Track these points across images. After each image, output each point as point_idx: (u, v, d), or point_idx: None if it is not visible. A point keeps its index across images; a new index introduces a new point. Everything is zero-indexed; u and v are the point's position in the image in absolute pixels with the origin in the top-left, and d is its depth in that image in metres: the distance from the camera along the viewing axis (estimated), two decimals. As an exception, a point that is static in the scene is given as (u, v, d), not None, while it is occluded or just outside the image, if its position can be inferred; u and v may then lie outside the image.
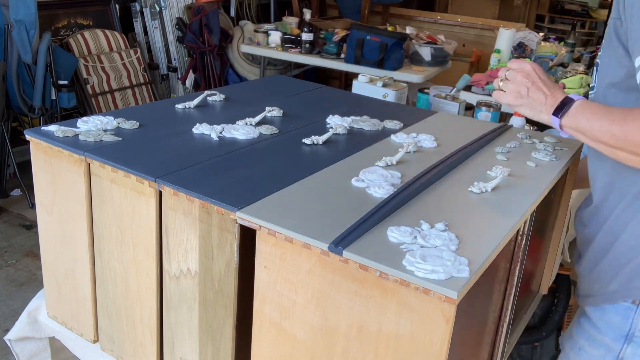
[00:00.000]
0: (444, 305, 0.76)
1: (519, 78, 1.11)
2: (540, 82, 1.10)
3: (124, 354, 1.20)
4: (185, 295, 1.05)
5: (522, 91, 1.11)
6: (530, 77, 1.11)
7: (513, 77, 1.12)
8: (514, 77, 1.12)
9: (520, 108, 1.13)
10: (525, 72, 1.11)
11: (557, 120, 1.07)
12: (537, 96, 1.10)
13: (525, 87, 1.10)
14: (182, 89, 4.70)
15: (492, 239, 0.89)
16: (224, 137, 1.25)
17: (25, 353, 1.44)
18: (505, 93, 1.14)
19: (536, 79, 1.10)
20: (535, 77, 1.11)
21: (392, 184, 1.05)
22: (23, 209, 3.59)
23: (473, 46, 4.57)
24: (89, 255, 1.17)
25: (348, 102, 1.65)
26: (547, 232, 1.44)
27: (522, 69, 1.12)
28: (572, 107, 1.05)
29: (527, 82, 1.10)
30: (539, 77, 1.11)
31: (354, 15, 5.24)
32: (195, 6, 4.46)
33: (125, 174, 1.05)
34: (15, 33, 3.34)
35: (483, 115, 2.13)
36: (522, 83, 1.11)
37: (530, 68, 1.11)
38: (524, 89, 1.11)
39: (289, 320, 0.91)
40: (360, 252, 0.81)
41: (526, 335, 1.85)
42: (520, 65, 1.13)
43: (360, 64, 3.76)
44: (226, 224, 0.95)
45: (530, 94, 1.10)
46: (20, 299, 2.74)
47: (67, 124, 1.22)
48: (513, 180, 1.13)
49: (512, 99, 1.13)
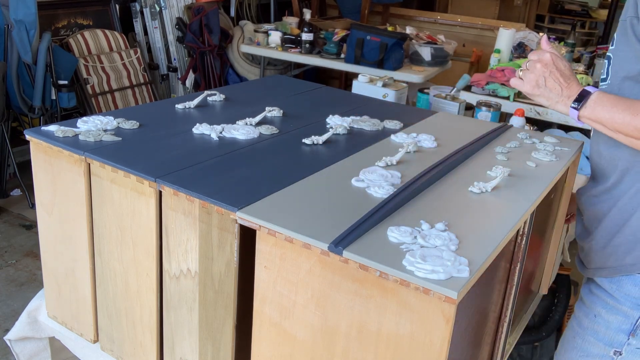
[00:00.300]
0: (444, 305, 0.76)
1: (538, 67, 1.14)
2: (557, 73, 1.13)
3: (124, 354, 1.20)
4: (185, 295, 1.05)
5: (539, 81, 1.14)
6: (548, 66, 1.14)
7: (532, 67, 1.15)
8: (533, 66, 1.15)
9: (538, 97, 1.16)
10: (543, 62, 1.14)
11: (576, 112, 1.10)
12: (553, 86, 1.13)
13: (542, 76, 1.14)
14: (182, 89, 4.70)
15: (492, 239, 0.89)
16: (224, 137, 1.25)
17: (25, 353, 1.44)
18: (523, 82, 1.17)
19: (554, 69, 1.13)
20: (552, 67, 1.14)
21: (392, 184, 1.04)
22: (23, 209, 3.59)
23: (473, 46, 4.57)
24: (89, 255, 1.17)
25: (348, 102, 1.65)
26: (547, 232, 1.44)
27: (541, 58, 1.15)
28: (590, 99, 1.09)
29: (545, 72, 1.14)
30: (557, 68, 1.14)
31: (354, 15, 5.24)
32: (195, 6, 4.46)
33: (125, 174, 1.05)
34: (15, 33, 3.34)
35: (483, 115, 2.13)
36: (541, 72, 1.14)
37: (549, 58, 1.14)
38: (541, 78, 1.14)
39: (289, 320, 0.91)
40: (360, 252, 0.81)
41: (526, 335, 1.86)
42: (540, 55, 1.15)
43: (360, 64, 3.77)
44: (226, 224, 0.95)
45: (547, 84, 1.13)
46: (20, 299, 2.74)
47: (67, 124, 1.22)
48: (513, 180, 1.13)
49: (529, 88, 1.16)
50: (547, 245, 1.49)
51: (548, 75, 1.14)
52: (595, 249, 1.24)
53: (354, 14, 5.26)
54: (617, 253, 1.19)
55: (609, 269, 1.20)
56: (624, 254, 1.18)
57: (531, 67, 1.16)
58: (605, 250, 1.21)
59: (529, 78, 1.16)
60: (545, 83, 1.14)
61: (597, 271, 1.23)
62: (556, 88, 1.13)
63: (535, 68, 1.15)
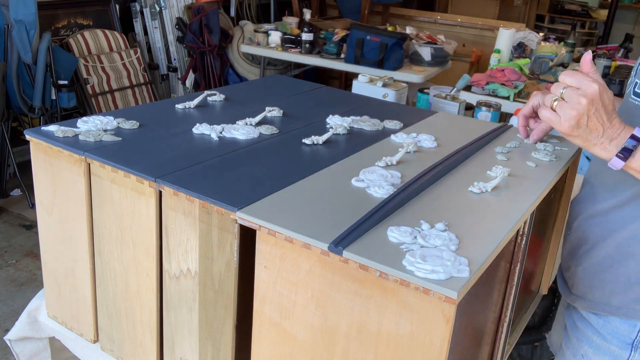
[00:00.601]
0: (444, 305, 0.76)
1: (583, 103, 0.90)
2: (602, 110, 0.90)
3: (124, 354, 1.20)
4: (185, 295, 1.05)
5: (582, 120, 0.91)
6: (595, 103, 0.90)
7: (573, 100, 0.91)
8: (576, 100, 0.90)
9: (575, 138, 0.94)
10: (589, 97, 0.90)
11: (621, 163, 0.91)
12: (595, 126, 0.91)
13: (586, 115, 0.90)
14: (182, 89, 4.70)
15: (492, 239, 0.89)
16: (224, 137, 1.25)
17: (25, 353, 1.44)
18: (560, 118, 0.93)
19: (600, 107, 0.90)
20: (599, 103, 0.90)
21: (392, 184, 1.05)
22: (23, 209, 3.59)
23: (473, 46, 4.58)
24: (89, 255, 1.17)
25: (348, 102, 1.65)
26: (547, 232, 1.44)
27: (586, 93, 0.89)
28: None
29: (591, 109, 0.90)
30: (602, 104, 0.90)
31: (354, 15, 5.24)
32: (195, 6, 4.46)
33: (125, 174, 1.05)
34: (15, 33, 3.34)
35: (483, 115, 2.13)
36: (585, 110, 0.90)
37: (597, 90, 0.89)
38: (584, 117, 0.90)
39: (289, 320, 0.91)
40: (360, 252, 0.81)
41: (526, 335, 1.85)
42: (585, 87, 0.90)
43: (360, 64, 3.77)
44: (226, 224, 0.95)
45: (589, 124, 0.91)
46: (20, 299, 2.74)
47: (67, 124, 1.22)
48: (513, 180, 1.12)
49: (568, 128, 0.92)
50: (547, 245, 1.49)
51: (592, 114, 0.90)
52: (581, 275, 1.15)
53: (354, 14, 5.26)
54: (604, 289, 1.09)
55: (593, 302, 1.12)
56: (611, 293, 1.08)
57: (571, 100, 0.90)
58: (592, 282, 1.13)
59: (569, 116, 0.91)
60: (587, 123, 0.90)
61: (581, 301, 1.15)
62: (598, 128, 0.91)
63: (580, 104, 0.90)
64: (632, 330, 1.08)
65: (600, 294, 1.12)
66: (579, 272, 1.17)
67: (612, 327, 1.10)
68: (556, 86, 0.94)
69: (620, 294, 1.08)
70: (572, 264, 1.21)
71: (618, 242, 1.07)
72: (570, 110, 0.91)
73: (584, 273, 1.16)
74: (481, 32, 4.87)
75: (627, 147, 0.90)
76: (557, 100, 0.93)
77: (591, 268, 1.14)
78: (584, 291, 1.16)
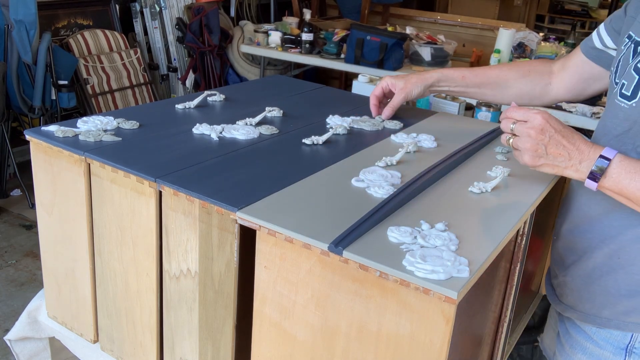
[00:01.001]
0: (444, 305, 0.76)
1: (533, 135, 0.96)
2: (558, 135, 0.96)
3: (124, 354, 1.20)
4: (185, 295, 1.05)
5: (539, 150, 0.96)
6: (545, 131, 0.96)
7: (523, 133, 0.97)
8: (525, 133, 0.97)
9: (542, 167, 0.99)
10: (536, 128, 0.96)
11: (594, 184, 0.95)
12: (558, 152, 0.96)
13: (542, 144, 0.96)
14: (182, 89, 4.70)
15: (492, 239, 0.89)
16: (224, 137, 1.25)
17: (25, 353, 1.44)
18: (520, 153, 1.00)
19: (553, 133, 0.96)
20: (551, 130, 0.96)
21: (392, 184, 1.05)
22: (23, 209, 3.59)
23: (473, 46, 4.57)
24: (89, 255, 1.17)
25: (348, 102, 1.65)
26: (547, 232, 1.44)
27: (533, 125, 0.96)
28: (611, 167, 0.93)
29: (544, 138, 0.96)
30: (555, 130, 0.96)
31: (354, 15, 5.24)
32: (195, 6, 4.46)
33: (125, 174, 1.05)
34: (15, 33, 3.34)
35: (483, 115, 2.13)
36: (537, 140, 0.96)
37: (542, 121, 0.96)
38: (541, 147, 0.96)
39: (289, 320, 0.91)
40: (360, 252, 0.81)
41: (526, 335, 1.85)
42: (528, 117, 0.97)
43: (360, 64, 3.77)
44: (226, 224, 0.95)
45: (548, 151, 0.96)
46: (20, 299, 2.74)
47: (67, 124, 1.22)
48: (513, 180, 1.12)
49: (530, 160, 0.98)
50: (547, 245, 1.49)
51: (548, 142, 0.96)
52: (570, 286, 1.15)
53: (354, 14, 5.26)
54: (594, 302, 1.09)
55: (584, 314, 1.12)
56: (601, 305, 1.08)
57: (521, 134, 0.97)
58: (581, 294, 1.12)
59: (525, 149, 0.97)
60: (546, 151, 0.96)
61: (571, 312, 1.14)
62: (562, 153, 0.95)
63: (529, 136, 0.96)
64: (625, 336, 1.08)
65: (590, 307, 1.11)
66: (568, 282, 1.16)
67: (605, 333, 1.09)
68: (505, 122, 1.01)
69: (610, 307, 1.08)
70: (559, 273, 1.20)
71: (606, 253, 1.07)
72: (524, 144, 0.98)
73: (573, 284, 1.15)
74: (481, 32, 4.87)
75: (600, 167, 0.94)
76: (511, 138, 1.00)
77: (580, 280, 1.13)
78: (574, 302, 1.15)
